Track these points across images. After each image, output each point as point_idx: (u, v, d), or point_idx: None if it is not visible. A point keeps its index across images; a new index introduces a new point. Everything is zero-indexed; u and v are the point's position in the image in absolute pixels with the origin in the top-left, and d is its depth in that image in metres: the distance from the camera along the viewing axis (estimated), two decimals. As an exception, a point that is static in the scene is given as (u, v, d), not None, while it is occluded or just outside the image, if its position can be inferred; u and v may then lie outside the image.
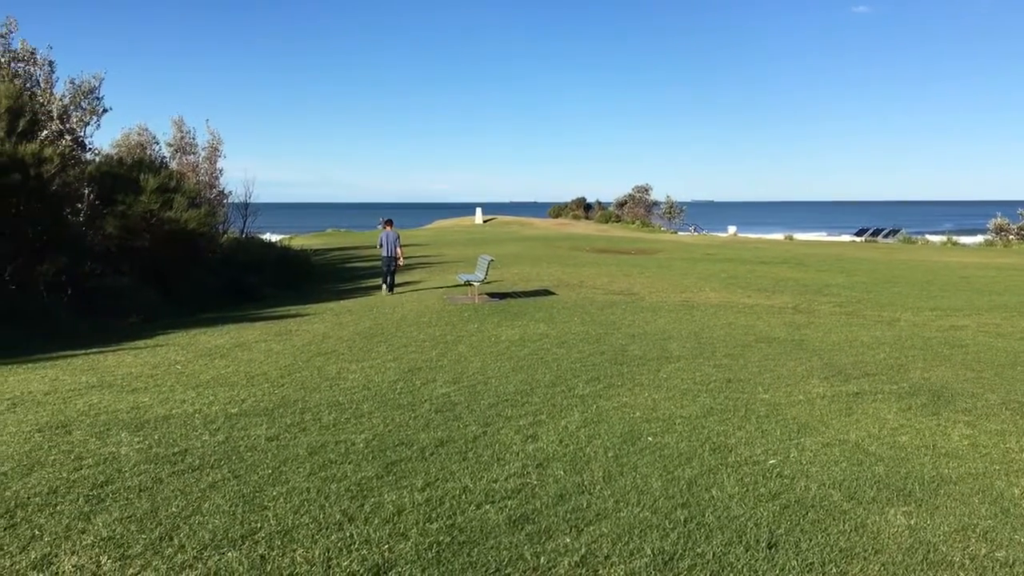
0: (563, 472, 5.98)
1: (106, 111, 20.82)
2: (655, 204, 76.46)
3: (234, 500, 5.36)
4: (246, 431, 7.05)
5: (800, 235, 63.01)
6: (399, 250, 19.44)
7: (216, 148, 30.32)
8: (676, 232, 65.12)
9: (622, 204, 75.97)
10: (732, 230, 66.52)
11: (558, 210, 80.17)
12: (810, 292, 19.56)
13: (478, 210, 74.24)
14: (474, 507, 5.27)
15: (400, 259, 19.66)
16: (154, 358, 10.86)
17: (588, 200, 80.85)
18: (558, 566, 4.46)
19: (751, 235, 64.11)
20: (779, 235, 62.28)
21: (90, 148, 20.74)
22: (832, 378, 9.36)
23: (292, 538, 4.77)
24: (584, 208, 78.90)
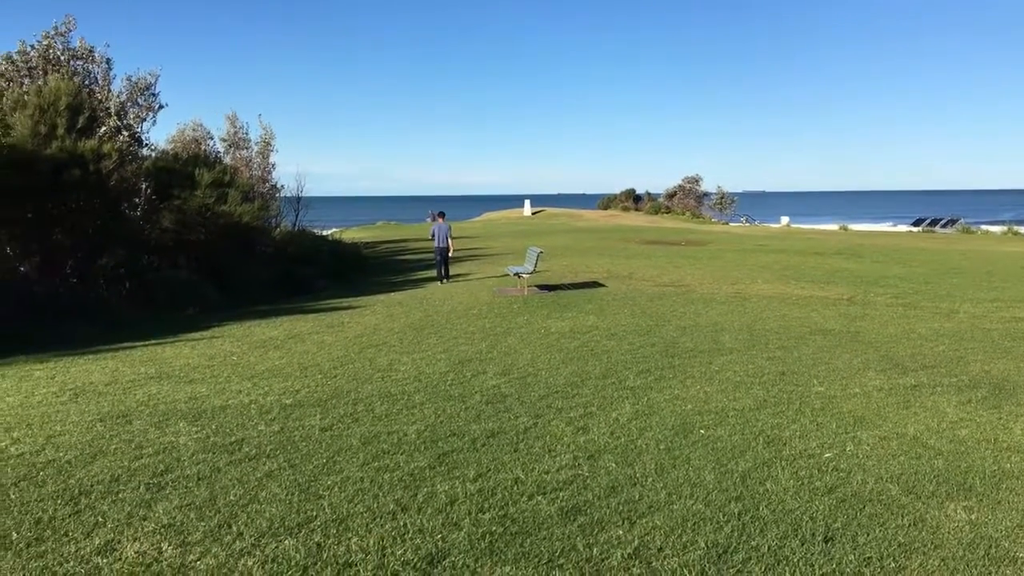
0: (615, 464, 5.95)
1: (162, 107, 21.36)
2: (706, 195, 75.68)
3: (290, 489, 5.45)
4: (300, 421, 7.16)
5: (855, 226, 61.81)
6: (450, 241, 20.54)
7: (268, 143, 30.78)
8: (727, 223, 64.39)
9: (672, 195, 75.34)
10: (785, 220, 65.50)
11: (607, 202, 79.74)
12: (866, 283, 19.19)
13: (526, 202, 74.28)
14: (526, 498, 5.27)
15: (451, 250, 20.68)
16: (210, 349, 11.08)
17: (637, 191, 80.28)
18: (611, 558, 4.44)
19: (804, 226, 63.04)
20: (833, 225, 61.18)
21: (146, 144, 21.27)
22: (889, 371, 9.18)
23: (347, 527, 4.83)
24: (633, 199, 78.32)
